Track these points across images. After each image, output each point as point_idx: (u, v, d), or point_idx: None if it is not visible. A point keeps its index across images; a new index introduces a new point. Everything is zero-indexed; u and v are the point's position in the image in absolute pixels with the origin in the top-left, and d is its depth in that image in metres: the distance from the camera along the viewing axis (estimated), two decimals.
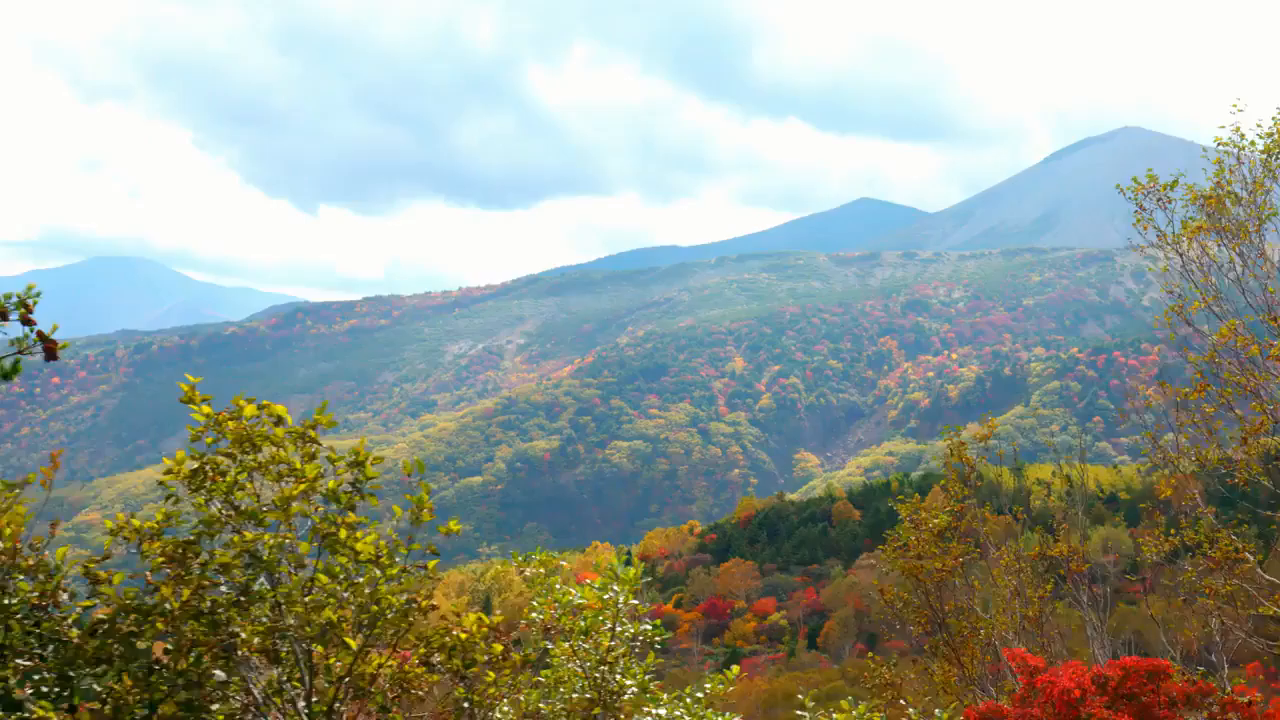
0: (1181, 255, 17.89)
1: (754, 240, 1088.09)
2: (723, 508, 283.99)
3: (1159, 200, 18.21)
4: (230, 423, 10.41)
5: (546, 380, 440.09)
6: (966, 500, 22.91)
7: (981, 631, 21.78)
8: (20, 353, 8.70)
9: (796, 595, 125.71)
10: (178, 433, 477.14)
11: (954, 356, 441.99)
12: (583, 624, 12.43)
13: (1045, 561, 21.67)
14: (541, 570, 13.80)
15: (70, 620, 9.75)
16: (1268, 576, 17.30)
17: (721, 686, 12.62)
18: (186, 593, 9.98)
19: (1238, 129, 17.42)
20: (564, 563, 14.12)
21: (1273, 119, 17.21)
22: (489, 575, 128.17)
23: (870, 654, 29.89)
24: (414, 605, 10.81)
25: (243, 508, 10.46)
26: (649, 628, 12.71)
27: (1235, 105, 17.76)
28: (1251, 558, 17.79)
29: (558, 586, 13.35)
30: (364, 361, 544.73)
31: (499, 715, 12.14)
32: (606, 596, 12.55)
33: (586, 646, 12.46)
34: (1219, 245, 17.75)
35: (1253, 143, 17.33)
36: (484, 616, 11.61)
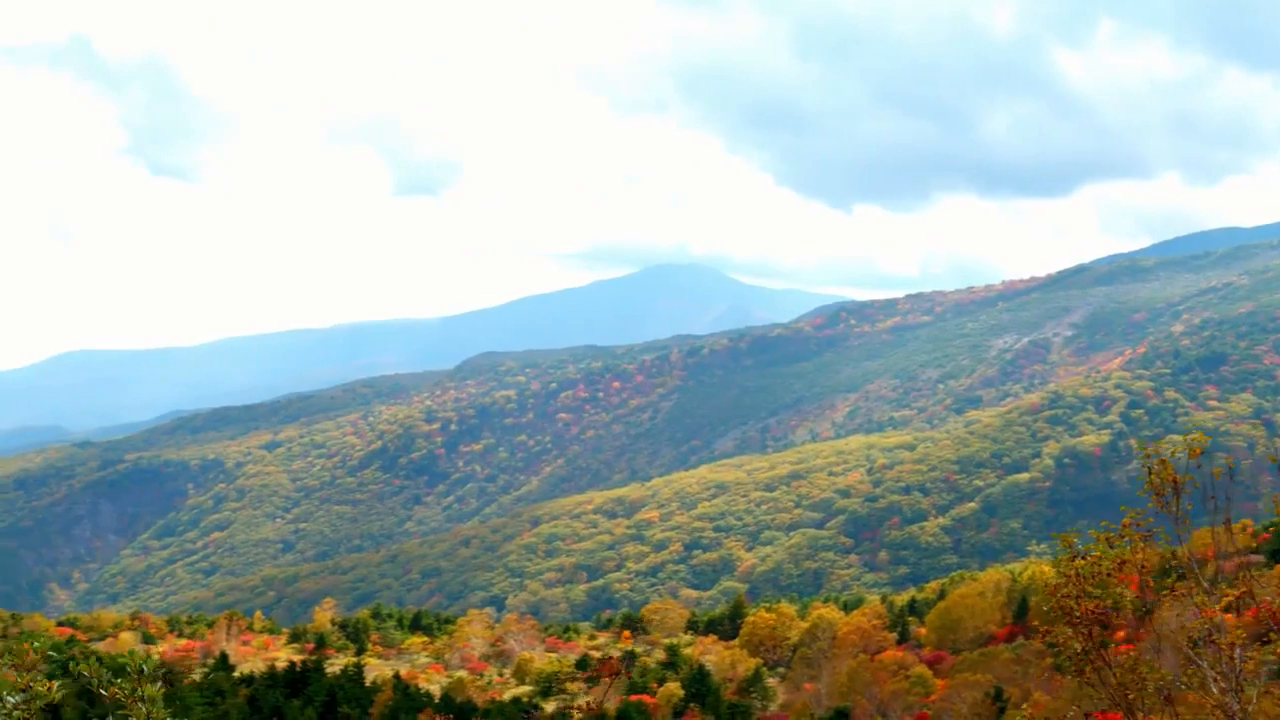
0: None
1: None
2: None
3: None
4: None
5: (1095, 373, 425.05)
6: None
7: (1150, 684, 18.44)
8: None
9: None
10: (729, 433, 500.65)
11: None
12: None
13: None
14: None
15: None
16: None
17: None
18: None
19: None
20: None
21: None
22: (1025, 575, 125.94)
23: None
24: None
25: None
26: None
27: None
28: None
29: None
30: (907, 359, 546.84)
31: None
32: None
33: None
34: None
35: None
36: None
